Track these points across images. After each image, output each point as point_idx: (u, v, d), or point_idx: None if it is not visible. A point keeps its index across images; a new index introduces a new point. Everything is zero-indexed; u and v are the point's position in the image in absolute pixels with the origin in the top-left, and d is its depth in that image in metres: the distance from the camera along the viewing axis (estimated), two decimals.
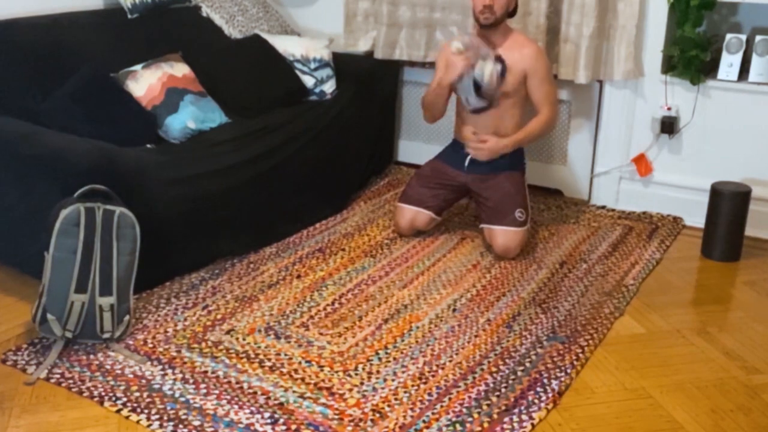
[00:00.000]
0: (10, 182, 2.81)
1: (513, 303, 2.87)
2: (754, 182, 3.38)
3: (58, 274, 2.45)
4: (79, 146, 2.76)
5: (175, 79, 3.36)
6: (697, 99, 3.50)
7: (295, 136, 3.48)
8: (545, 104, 3.26)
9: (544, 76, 3.24)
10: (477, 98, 3.16)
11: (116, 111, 3.16)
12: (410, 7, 3.93)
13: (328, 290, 2.94)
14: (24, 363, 2.46)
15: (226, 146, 3.22)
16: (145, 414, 2.21)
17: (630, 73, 3.55)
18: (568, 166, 3.94)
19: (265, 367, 2.44)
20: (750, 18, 3.58)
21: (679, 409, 2.28)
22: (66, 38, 3.35)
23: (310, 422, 2.19)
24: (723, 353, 2.58)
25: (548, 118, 3.28)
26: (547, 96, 3.26)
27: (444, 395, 2.32)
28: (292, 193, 3.47)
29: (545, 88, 3.26)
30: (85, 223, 2.46)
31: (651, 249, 3.35)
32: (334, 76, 3.94)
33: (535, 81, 3.23)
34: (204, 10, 4.01)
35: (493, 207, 3.23)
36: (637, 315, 2.82)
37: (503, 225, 3.18)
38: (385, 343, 2.59)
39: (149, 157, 3.01)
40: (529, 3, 3.58)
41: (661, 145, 3.65)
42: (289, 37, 4.13)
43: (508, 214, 3.18)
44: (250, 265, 3.14)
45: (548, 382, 2.38)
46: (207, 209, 3.06)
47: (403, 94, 4.32)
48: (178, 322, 2.70)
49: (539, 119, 3.27)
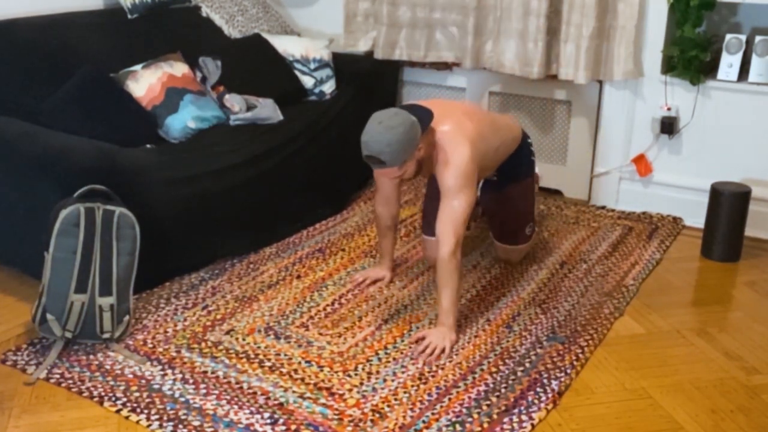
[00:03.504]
0: (10, 182, 2.81)
1: (513, 303, 2.87)
2: (754, 182, 3.38)
3: (58, 274, 2.45)
4: (79, 146, 2.76)
5: (175, 79, 3.36)
6: (697, 99, 3.50)
7: (295, 136, 3.48)
8: (447, 231, 2.53)
9: (454, 187, 2.56)
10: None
11: (116, 111, 3.16)
12: (410, 8, 3.93)
13: (328, 290, 2.94)
14: (24, 363, 2.46)
15: (226, 146, 3.22)
16: (144, 414, 2.21)
17: (630, 73, 3.55)
18: (568, 166, 3.94)
19: (265, 367, 2.44)
20: (750, 18, 3.58)
21: (679, 410, 2.28)
22: (66, 38, 3.35)
23: (310, 422, 2.19)
24: (723, 353, 2.58)
25: (447, 255, 2.52)
26: (451, 218, 2.54)
27: (444, 395, 2.32)
28: (292, 193, 3.47)
29: (452, 206, 2.55)
30: (84, 224, 2.46)
31: (651, 249, 3.35)
32: (334, 76, 3.95)
33: (442, 196, 2.60)
34: (204, 10, 4.01)
35: (502, 225, 3.14)
36: (636, 315, 2.82)
37: (512, 245, 3.13)
38: (385, 344, 2.59)
39: (149, 157, 3.01)
40: (529, 3, 3.58)
41: (661, 145, 3.65)
42: (289, 37, 4.13)
43: (518, 234, 3.11)
44: (250, 266, 3.14)
45: (548, 382, 2.38)
46: (207, 209, 3.06)
47: (402, 95, 4.32)
48: (178, 323, 2.70)
49: (441, 266, 2.54)
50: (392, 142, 2.44)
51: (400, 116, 2.49)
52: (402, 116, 2.49)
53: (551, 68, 3.69)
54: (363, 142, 2.48)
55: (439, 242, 2.56)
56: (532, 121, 3.97)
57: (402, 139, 2.45)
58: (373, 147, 2.45)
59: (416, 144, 2.51)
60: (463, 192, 2.56)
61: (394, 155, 2.46)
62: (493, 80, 3.99)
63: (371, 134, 2.47)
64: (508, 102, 4.01)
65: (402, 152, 2.47)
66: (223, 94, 3.52)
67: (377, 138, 2.45)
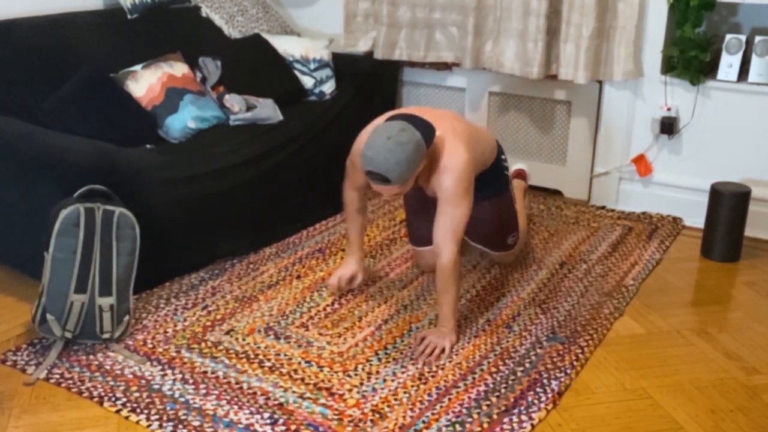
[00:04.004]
0: (10, 182, 2.81)
1: (513, 303, 2.87)
2: (753, 183, 3.39)
3: (58, 275, 2.45)
4: (79, 146, 2.76)
5: (175, 79, 3.36)
6: (697, 99, 3.50)
7: (295, 136, 3.48)
8: (449, 239, 2.49)
9: (453, 195, 2.49)
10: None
11: (116, 111, 3.16)
12: (410, 8, 3.93)
13: (328, 290, 2.94)
14: (24, 363, 2.46)
15: (226, 146, 3.22)
16: (144, 414, 2.21)
17: (630, 73, 3.55)
18: (568, 167, 3.94)
19: (265, 367, 2.44)
20: (750, 18, 3.58)
21: (679, 410, 2.28)
22: (66, 38, 3.35)
23: (310, 422, 2.19)
24: (723, 354, 2.58)
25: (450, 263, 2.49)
26: (452, 226, 2.49)
27: (444, 396, 2.32)
28: (292, 193, 3.47)
29: (452, 213, 2.49)
30: (84, 224, 2.46)
31: (651, 249, 3.35)
32: (334, 76, 3.94)
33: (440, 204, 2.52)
34: (204, 11, 4.01)
35: (484, 237, 3.02)
36: (636, 315, 2.82)
37: (496, 251, 3.08)
38: (385, 344, 2.59)
39: (149, 157, 3.01)
40: (529, 3, 3.58)
41: (661, 145, 3.65)
42: (289, 37, 4.13)
43: (498, 243, 3.05)
44: (250, 266, 3.14)
45: (548, 382, 2.38)
46: (207, 209, 3.06)
47: (402, 95, 4.32)
48: (178, 323, 2.70)
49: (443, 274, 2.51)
50: (401, 161, 2.33)
51: (408, 133, 2.37)
52: (410, 133, 2.38)
53: (551, 68, 3.69)
54: (367, 157, 2.36)
55: (440, 250, 2.50)
56: (532, 121, 3.97)
57: (411, 157, 2.35)
58: (381, 165, 2.34)
59: (422, 162, 2.42)
60: (464, 198, 2.49)
61: (401, 174, 2.35)
62: (492, 80, 3.99)
63: (378, 150, 2.34)
64: (508, 102, 4.01)
65: (408, 172, 2.37)
66: (223, 94, 3.52)
67: (386, 155, 2.33)
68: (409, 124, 2.44)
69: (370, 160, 2.36)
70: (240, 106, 3.47)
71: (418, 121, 2.50)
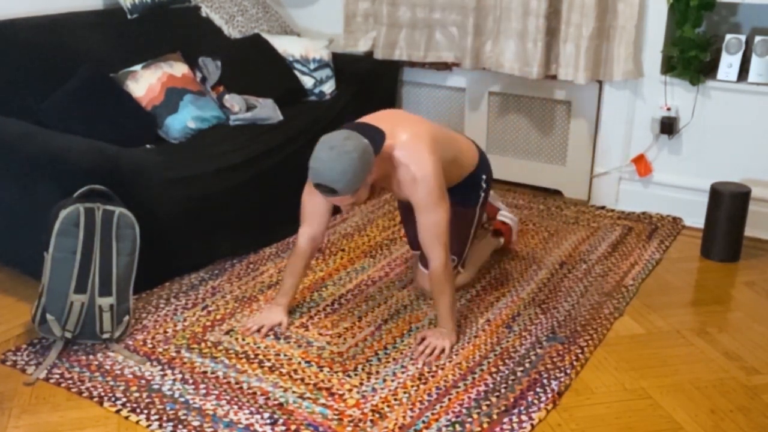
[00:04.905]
0: (10, 182, 2.81)
1: (513, 303, 2.87)
2: (753, 183, 3.39)
3: (58, 275, 2.45)
4: (79, 146, 2.76)
5: (175, 79, 3.36)
6: (697, 99, 3.50)
7: (295, 136, 3.48)
8: (434, 245, 2.48)
9: (427, 203, 2.46)
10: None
11: (116, 111, 3.16)
12: (410, 8, 3.93)
13: (328, 290, 2.94)
14: (24, 363, 2.46)
15: (226, 146, 3.22)
16: (144, 414, 2.21)
17: (630, 73, 3.55)
18: (568, 167, 3.94)
19: (265, 367, 2.44)
20: (749, 18, 3.58)
21: (679, 410, 2.28)
22: (66, 38, 3.35)
23: (310, 422, 2.19)
24: (723, 354, 2.58)
25: (440, 268, 2.49)
26: (434, 233, 2.47)
27: (443, 396, 2.32)
28: (292, 193, 3.45)
29: (431, 220, 2.47)
30: (84, 224, 2.46)
31: (650, 249, 3.35)
32: (334, 76, 3.95)
33: (417, 213, 2.50)
34: (204, 11, 4.01)
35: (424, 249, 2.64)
36: (636, 315, 2.82)
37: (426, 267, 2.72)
38: (385, 344, 2.59)
39: (149, 157, 3.01)
40: (529, 3, 3.58)
41: (661, 145, 3.65)
42: (289, 37, 4.13)
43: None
44: (250, 266, 3.14)
45: (548, 382, 2.38)
46: (207, 209, 3.06)
47: (402, 95, 4.32)
48: (178, 323, 2.70)
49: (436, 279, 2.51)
50: (346, 170, 2.27)
51: (352, 140, 2.30)
52: (354, 140, 2.31)
53: (551, 68, 3.69)
54: (313, 168, 2.30)
55: (428, 258, 2.52)
56: (532, 121, 3.98)
57: (356, 165, 2.28)
58: (326, 175, 2.28)
59: (370, 169, 2.35)
60: (438, 204, 2.46)
61: (348, 184, 2.29)
62: (492, 80, 3.99)
63: (322, 161, 2.29)
64: (507, 102, 4.01)
65: (356, 180, 2.30)
66: (223, 94, 3.52)
67: (330, 165, 2.27)
68: (355, 131, 2.38)
69: (315, 172, 2.31)
70: (240, 106, 3.47)
71: (366, 127, 2.45)
